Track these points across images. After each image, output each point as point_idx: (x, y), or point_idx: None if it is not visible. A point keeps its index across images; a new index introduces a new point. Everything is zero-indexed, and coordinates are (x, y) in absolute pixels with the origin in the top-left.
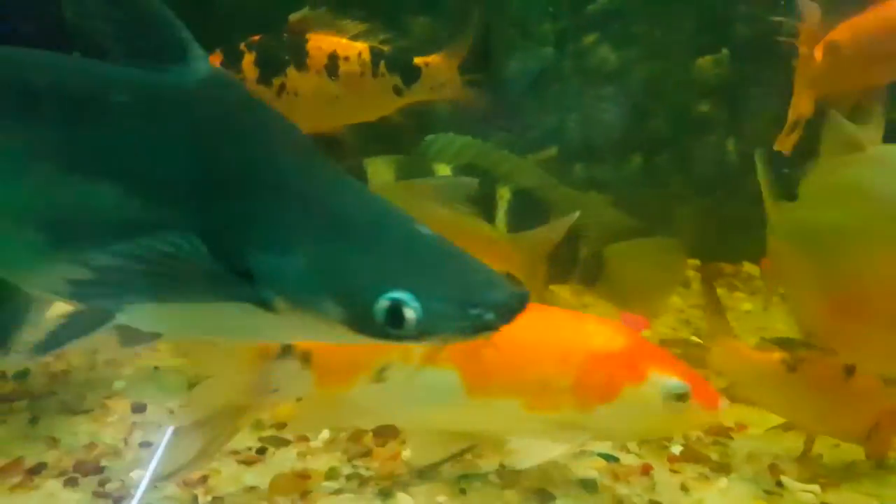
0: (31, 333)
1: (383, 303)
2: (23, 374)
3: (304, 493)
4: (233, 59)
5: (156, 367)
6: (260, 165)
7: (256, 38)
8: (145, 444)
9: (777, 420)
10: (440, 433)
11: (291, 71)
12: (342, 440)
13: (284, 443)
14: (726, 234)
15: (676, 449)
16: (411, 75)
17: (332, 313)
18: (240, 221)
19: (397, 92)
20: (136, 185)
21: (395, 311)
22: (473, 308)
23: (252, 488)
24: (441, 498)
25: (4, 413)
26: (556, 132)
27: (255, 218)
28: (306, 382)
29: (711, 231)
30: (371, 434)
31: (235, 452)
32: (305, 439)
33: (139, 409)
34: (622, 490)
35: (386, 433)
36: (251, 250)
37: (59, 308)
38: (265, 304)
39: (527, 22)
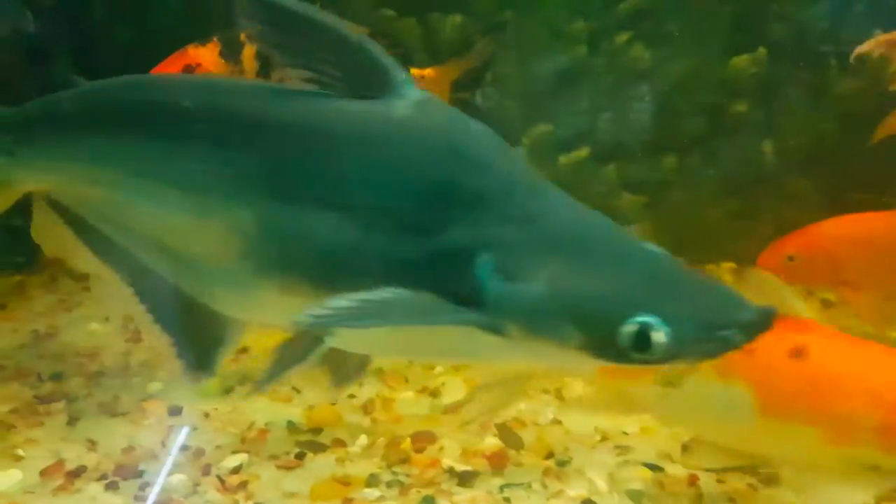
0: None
1: (630, 327)
2: (58, 376)
3: (346, 501)
4: (232, 51)
5: None
6: (492, 190)
7: None
8: (183, 448)
9: None
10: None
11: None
12: (380, 446)
13: (322, 448)
14: (761, 236)
15: None
16: None
17: (570, 339)
18: (475, 247)
19: None
20: (370, 214)
21: (642, 336)
22: (722, 330)
23: (292, 494)
24: None
25: (43, 415)
26: (588, 132)
27: (489, 243)
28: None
29: (746, 233)
30: (409, 440)
31: (274, 457)
32: (343, 444)
33: (175, 412)
34: (668, 501)
35: (423, 439)
36: (486, 276)
37: None
38: (496, 329)
39: (558, 20)
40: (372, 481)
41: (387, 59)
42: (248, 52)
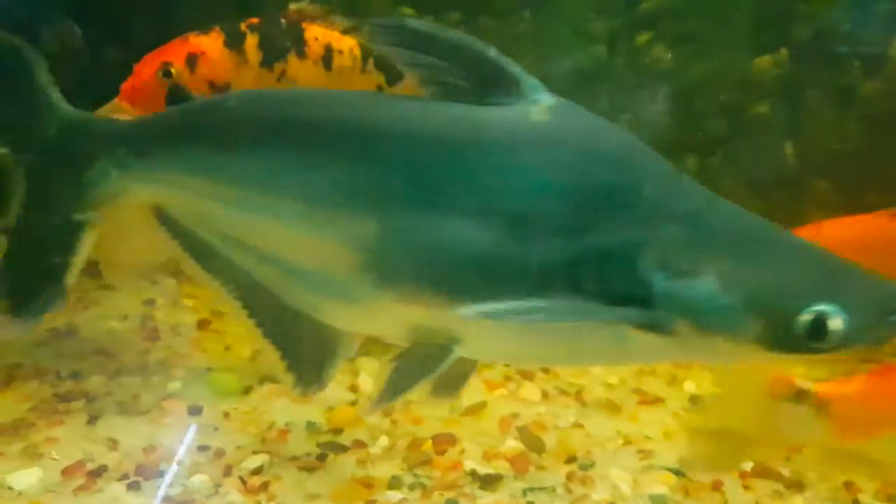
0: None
1: (807, 316)
2: (77, 374)
3: (368, 503)
4: (235, 40)
5: (209, 369)
6: (647, 189)
7: (254, 20)
8: (203, 448)
9: None
10: None
11: (292, 58)
12: (401, 448)
13: (343, 449)
14: None
15: (747, 464)
16: (394, 76)
17: (744, 332)
18: (636, 246)
19: (379, 90)
20: (515, 219)
21: (819, 324)
22: (892, 315)
23: (314, 496)
24: None
25: (63, 413)
26: None
27: (652, 241)
28: (821, 431)
29: None
30: (430, 441)
31: (295, 458)
32: (363, 446)
33: (195, 411)
34: None
35: (444, 441)
36: (652, 274)
37: None
38: (662, 327)
39: (577, 20)
40: (394, 483)
41: (515, 66)
42: (251, 41)
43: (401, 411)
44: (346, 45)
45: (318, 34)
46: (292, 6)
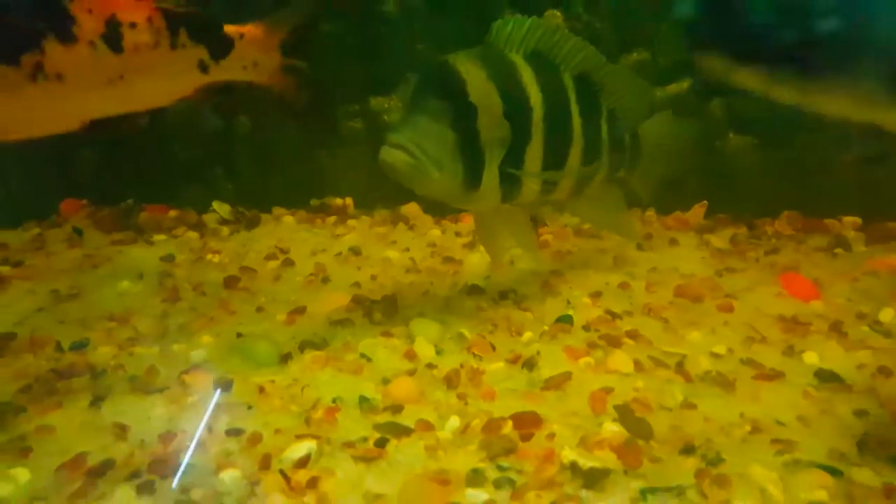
0: None
1: None
2: (82, 345)
3: None
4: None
5: (239, 335)
6: None
7: None
8: (234, 433)
9: None
10: None
11: (52, 44)
12: (476, 430)
13: (406, 432)
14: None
15: None
16: (221, 48)
17: None
18: None
19: (203, 69)
20: None
21: None
22: None
23: (377, 497)
24: None
25: (61, 393)
26: (689, 61)
27: None
28: None
29: (879, 183)
30: (510, 423)
31: (349, 445)
32: (430, 427)
33: (224, 386)
34: None
35: (528, 422)
36: None
37: None
38: None
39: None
40: (475, 479)
41: None
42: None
43: (468, 384)
44: (142, 14)
45: (93, 5)
46: None
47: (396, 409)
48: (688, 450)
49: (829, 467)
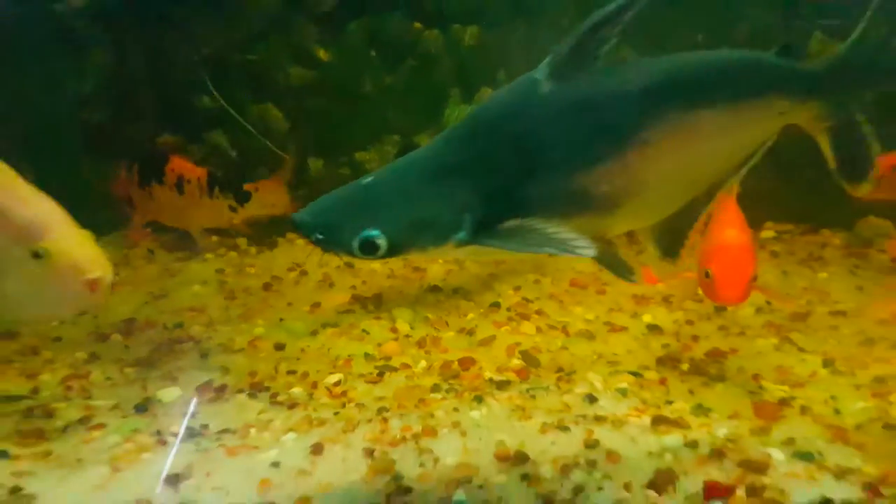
0: None
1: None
2: (180, 325)
3: (420, 401)
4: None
5: (281, 319)
6: None
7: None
8: (292, 372)
9: None
10: None
11: (156, 185)
12: (436, 367)
13: (394, 369)
14: None
15: (684, 364)
16: (243, 197)
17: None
18: None
19: (232, 210)
20: None
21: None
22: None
23: (381, 398)
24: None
25: (178, 353)
26: None
27: None
28: None
29: None
30: (457, 363)
31: (362, 376)
32: (409, 367)
33: (280, 347)
34: (645, 395)
35: (467, 363)
36: None
37: None
38: None
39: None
40: (435, 389)
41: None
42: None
43: (431, 345)
44: (195, 174)
45: (175, 165)
46: (160, 139)
47: (387, 358)
48: (558, 370)
49: (634, 372)
